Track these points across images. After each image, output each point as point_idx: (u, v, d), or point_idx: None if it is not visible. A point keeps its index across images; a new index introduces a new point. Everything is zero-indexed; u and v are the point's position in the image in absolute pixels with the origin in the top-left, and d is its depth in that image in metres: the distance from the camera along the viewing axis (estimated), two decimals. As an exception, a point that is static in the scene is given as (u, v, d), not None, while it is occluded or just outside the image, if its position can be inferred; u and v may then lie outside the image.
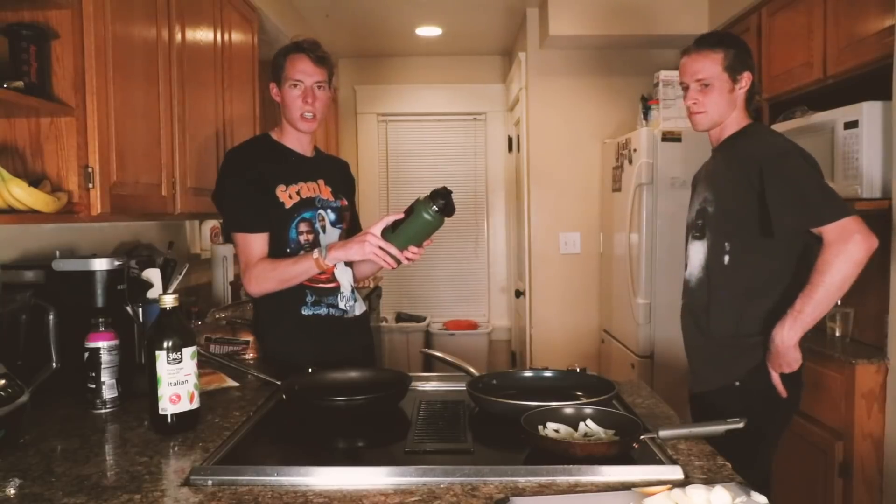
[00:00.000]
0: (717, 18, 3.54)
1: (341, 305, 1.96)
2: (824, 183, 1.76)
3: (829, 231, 1.67)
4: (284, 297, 1.89)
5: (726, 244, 1.84)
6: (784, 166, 1.75)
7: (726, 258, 1.84)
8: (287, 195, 1.90)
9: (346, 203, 2.05)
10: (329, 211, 1.98)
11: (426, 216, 1.65)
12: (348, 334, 1.98)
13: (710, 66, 1.88)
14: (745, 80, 1.90)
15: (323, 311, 1.93)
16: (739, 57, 1.90)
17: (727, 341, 1.85)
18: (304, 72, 1.89)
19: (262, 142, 2.01)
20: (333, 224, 1.99)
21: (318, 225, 1.94)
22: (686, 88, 1.93)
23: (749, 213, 1.79)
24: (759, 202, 1.77)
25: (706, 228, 1.89)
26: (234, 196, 1.88)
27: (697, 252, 1.93)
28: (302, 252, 1.88)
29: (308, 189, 1.95)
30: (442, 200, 1.65)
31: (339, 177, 2.09)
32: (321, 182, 1.98)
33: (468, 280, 5.33)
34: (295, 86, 1.89)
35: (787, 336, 1.73)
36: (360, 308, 2.04)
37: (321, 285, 1.93)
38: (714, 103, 1.89)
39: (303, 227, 1.92)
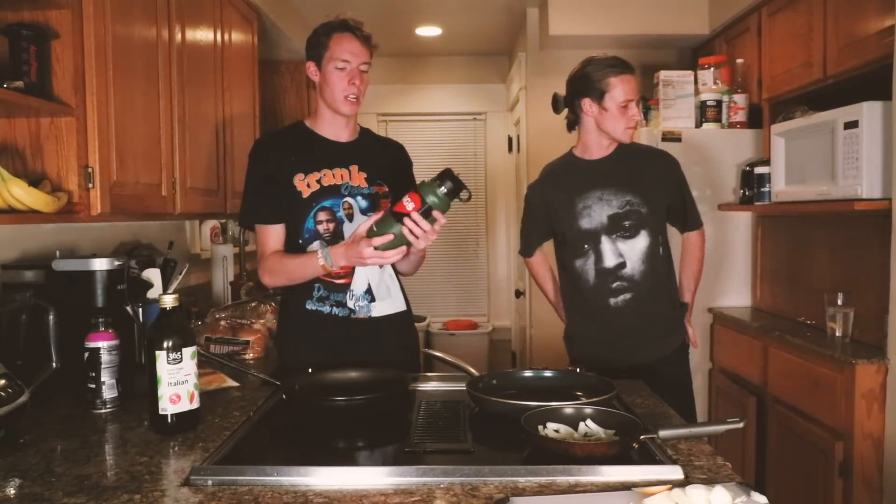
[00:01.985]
0: (718, 18, 3.54)
1: (349, 304, 1.85)
2: None
3: (698, 232, 2.31)
4: (294, 288, 1.87)
5: (659, 237, 2.19)
6: (684, 177, 2.27)
7: (661, 249, 2.19)
8: (305, 184, 1.84)
9: (384, 189, 1.91)
10: (360, 198, 1.87)
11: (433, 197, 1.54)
12: (354, 337, 1.87)
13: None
14: None
15: (326, 308, 1.86)
16: None
17: (667, 315, 2.23)
18: (352, 52, 1.81)
19: (289, 130, 1.97)
20: (364, 211, 1.86)
21: (341, 213, 1.85)
22: (632, 103, 2.13)
23: (672, 212, 2.25)
24: (676, 204, 2.25)
25: (642, 227, 2.15)
26: (249, 187, 1.90)
27: (632, 249, 2.16)
28: (319, 241, 1.83)
29: (333, 176, 1.86)
30: (449, 183, 1.53)
31: (383, 161, 1.95)
32: (353, 168, 1.88)
33: (468, 280, 5.33)
34: (341, 67, 1.81)
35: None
36: (381, 309, 1.89)
37: (332, 280, 1.85)
38: None
39: (322, 215, 1.84)
